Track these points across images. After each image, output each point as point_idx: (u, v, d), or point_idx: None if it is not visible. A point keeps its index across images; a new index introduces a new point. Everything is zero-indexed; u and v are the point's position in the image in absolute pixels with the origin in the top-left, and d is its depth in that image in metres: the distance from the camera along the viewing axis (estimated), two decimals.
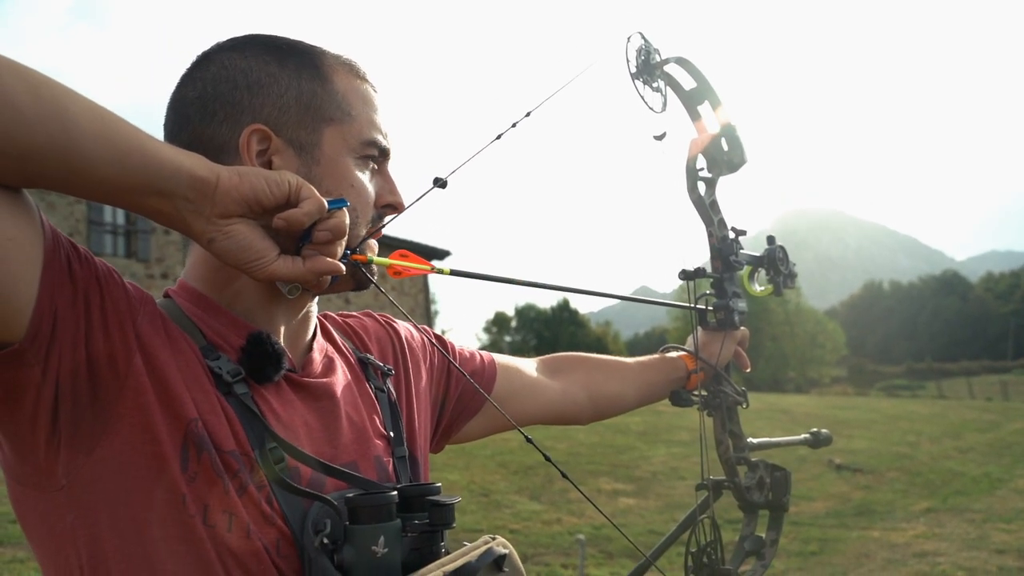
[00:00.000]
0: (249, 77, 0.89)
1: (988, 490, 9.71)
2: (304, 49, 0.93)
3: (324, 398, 0.94)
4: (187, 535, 0.78)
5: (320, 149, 0.90)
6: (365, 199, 0.92)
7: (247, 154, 0.87)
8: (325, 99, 0.91)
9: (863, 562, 6.64)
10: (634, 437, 11.65)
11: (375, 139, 0.93)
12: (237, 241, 0.77)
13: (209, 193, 0.75)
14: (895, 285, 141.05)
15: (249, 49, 0.91)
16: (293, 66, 0.90)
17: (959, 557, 6.62)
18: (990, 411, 20.47)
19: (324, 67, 0.92)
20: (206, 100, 0.89)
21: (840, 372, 57.44)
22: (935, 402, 25.86)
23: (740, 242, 1.41)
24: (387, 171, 0.98)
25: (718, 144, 1.38)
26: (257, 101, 0.88)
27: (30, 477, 0.78)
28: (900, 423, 16.04)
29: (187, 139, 0.89)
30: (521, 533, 6.76)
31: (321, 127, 0.90)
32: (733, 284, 1.40)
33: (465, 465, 8.96)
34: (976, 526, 7.75)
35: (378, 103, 0.97)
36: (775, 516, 1.45)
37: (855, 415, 16.79)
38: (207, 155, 0.83)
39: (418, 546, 0.83)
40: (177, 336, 0.83)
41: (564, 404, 1.33)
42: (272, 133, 0.88)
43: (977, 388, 36.41)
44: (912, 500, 9.17)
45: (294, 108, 0.89)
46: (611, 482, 9.04)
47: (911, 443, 13.23)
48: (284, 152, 0.88)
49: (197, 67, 0.91)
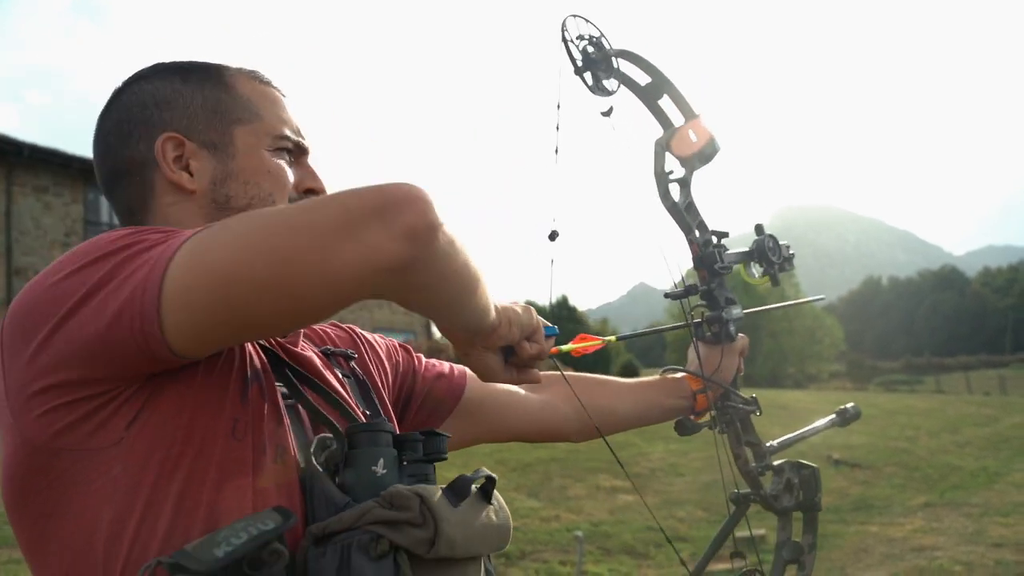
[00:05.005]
0: (156, 96, 0.98)
1: (986, 484, 9.73)
2: (205, 65, 1.01)
3: (309, 367, 0.98)
4: (239, 464, 0.82)
5: (233, 146, 0.98)
6: (282, 183, 0.99)
7: (163, 160, 0.96)
8: (230, 103, 0.99)
9: (861, 557, 6.65)
10: (632, 433, 11.65)
11: (285, 133, 1.00)
12: (485, 364, 0.97)
13: (488, 333, 0.92)
14: (893, 280, 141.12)
15: (155, 74, 1.00)
16: (196, 80, 0.99)
17: (957, 551, 6.64)
18: (988, 405, 20.50)
19: (226, 77, 1.01)
20: (122, 125, 0.98)
21: (839, 367, 57.45)
22: (933, 397, 25.89)
23: (724, 244, 1.35)
24: (307, 164, 1.04)
25: (686, 138, 1.32)
26: (167, 115, 0.97)
27: (81, 440, 0.78)
28: (898, 418, 16.06)
29: (112, 165, 0.99)
30: (519, 530, 6.76)
31: (231, 128, 0.98)
32: (724, 290, 1.34)
33: (463, 463, 8.93)
34: (974, 520, 7.77)
35: (286, 104, 1.04)
36: (809, 518, 1.37)
37: None
38: (133, 176, 0.98)
39: (414, 473, 0.87)
40: None
41: (546, 416, 1.31)
42: (184, 139, 0.96)
43: (975, 383, 36.44)
44: (910, 495, 9.18)
45: (201, 114, 0.98)
46: (610, 479, 9.04)
47: (909, 438, 13.24)
48: (199, 154, 0.97)
49: (111, 102, 1.01)
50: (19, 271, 16.44)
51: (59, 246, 17.29)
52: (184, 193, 0.96)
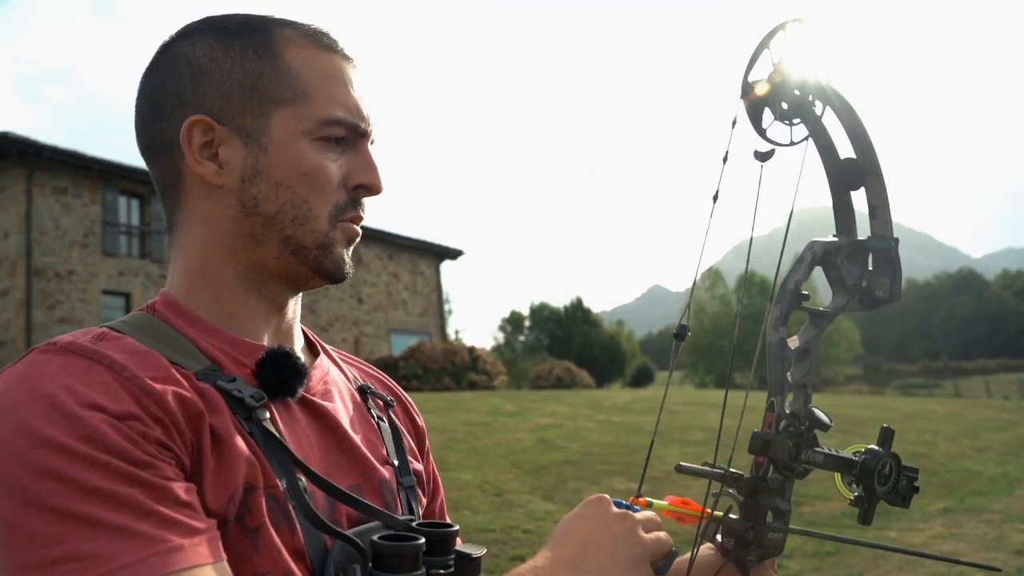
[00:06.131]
0: (192, 66, 0.84)
1: (1006, 490, 9.62)
2: (256, 26, 0.85)
3: (325, 415, 0.88)
4: None
5: (268, 134, 0.83)
6: (322, 186, 0.84)
7: (189, 148, 0.83)
8: (273, 79, 0.83)
9: (879, 563, 6.59)
10: (647, 436, 11.61)
11: (337, 117, 0.84)
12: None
13: None
14: (911, 283, 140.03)
15: (198, 35, 0.85)
16: (239, 47, 0.84)
17: (977, 558, 6.57)
18: (1008, 410, 20.28)
19: (275, 43, 0.84)
20: (155, 95, 0.85)
21: (855, 371, 57.08)
22: (951, 401, 25.66)
23: (816, 431, 0.89)
24: (364, 150, 0.88)
25: None
26: (200, 90, 0.83)
27: None
28: (916, 422, 15.92)
29: (145, 139, 0.87)
30: (535, 533, 6.75)
31: (269, 110, 0.83)
32: (780, 499, 0.88)
33: (478, 465, 8.97)
34: (994, 526, 7.68)
35: (349, 76, 0.87)
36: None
37: (870, 414, 16.66)
38: (164, 156, 0.85)
39: None
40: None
41: None
42: (215, 123, 0.82)
43: (994, 386, 36.07)
44: (929, 500, 9.09)
45: (238, 93, 0.83)
46: (624, 481, 9.02)
47: (927, 442, 13.12)
48: (230, 142, 0.83)
49: (153, 61, 0.87)
50: (38, 271, 16.63)
51: (78, 246, 17.47)
52: (213, 187, 0.84)
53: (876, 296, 0.96)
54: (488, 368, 20.69)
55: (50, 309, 16.67)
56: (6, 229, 16.61)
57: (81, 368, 0.70)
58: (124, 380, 0.70)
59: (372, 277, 24.46)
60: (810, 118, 0.92)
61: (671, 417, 12.99)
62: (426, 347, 20.24)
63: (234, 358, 0.82)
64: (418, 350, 19.96)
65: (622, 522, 0.83)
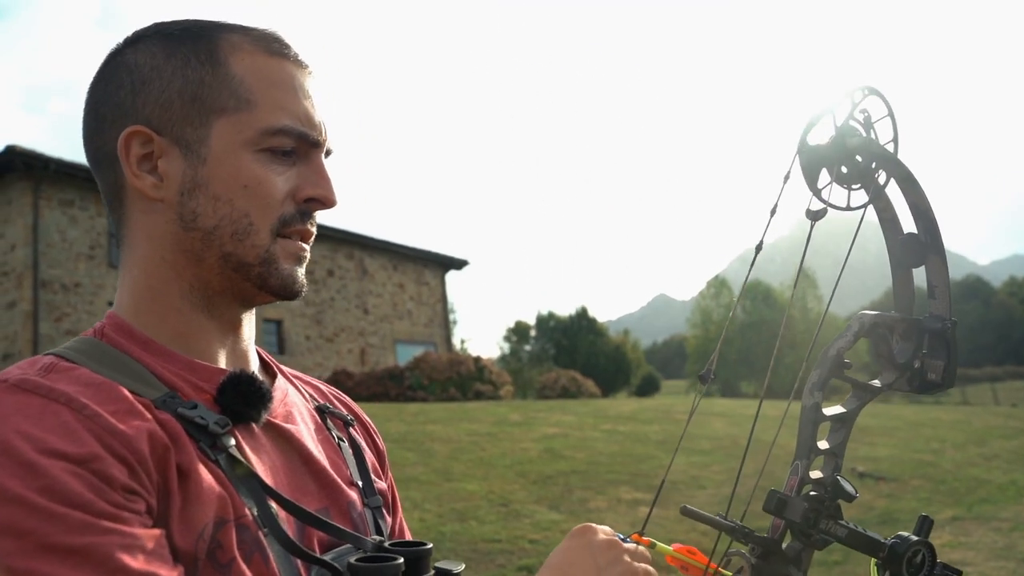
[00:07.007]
0: (134, 75, 0.80)
1: (1015, 498, 9.56)
2: (201, 32, 0.82)
3: (289, 438, 0.85)
4: None
5: (207, 145, 0.78)
6: (263, 199, 0.79)
7: (127, 160, 0.79)
8: (215, 86, 0.79)
9: None
10: (653, 446, 11.59)
11: (282, 126, 0.79)
12: None
13: None
14: (916, 290, 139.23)
15: (142, 42, 0.82)
16: (182, 55, 0.80)
17: (986, 567, 6.52)
18: (1015, 417, 20.16)
19: (220, 50, 0.80)
20: (98, 106, 0.82)
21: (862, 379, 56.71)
22: (959, 408, 25.51)
23: (839, 507, 0.84)
24: (317, 160, 0.83)
25: None
26: (139, 100, 0.79)
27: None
28: (923, 430, 15.84)
29: (91, 151, 0.84)
30: (540, 543, 6.72)
31: (210, 120, 0.79)
32: (795, 569, 0.83)
33: (484, 475, 8.95)
34: (1003, 535, 7.64)
35: (300, 83, 0.82)
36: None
37: (877, 422, 16.59)
38: (107, 169, 0.82)
39: None
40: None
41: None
42: (154, 133, 0.79)
43: (1002, 394, 35.92)
44: (936, 508, 9.04)
45: (178, 102, 0.79)
46: (631, 491, 8.99)
47: (935, 450, 13.05)
48: (169, 153, 0.79)
49: (100, 70, 0.84)
50: (45, 283, 16.68)
51: (84, 259, 17.53)
52: (153, 201, 0.80)
53: (928, 379, 0.92)
54: (494, 378, 20.65)
55: (57, 321, 16.72)
56: (13, 241, 16.69)
57: (36, 408, 0.65)
58: (85, 419, 0.66)
59: (377, 288, 24.47)
60: (871, 186, 0.88)
61: (676, 427, 12.96)
62: (431, 357, 20.21)
63: (192, 383, 0.78)
64: (424, 360, 19.93)
65: (607, 551, 0.81)
